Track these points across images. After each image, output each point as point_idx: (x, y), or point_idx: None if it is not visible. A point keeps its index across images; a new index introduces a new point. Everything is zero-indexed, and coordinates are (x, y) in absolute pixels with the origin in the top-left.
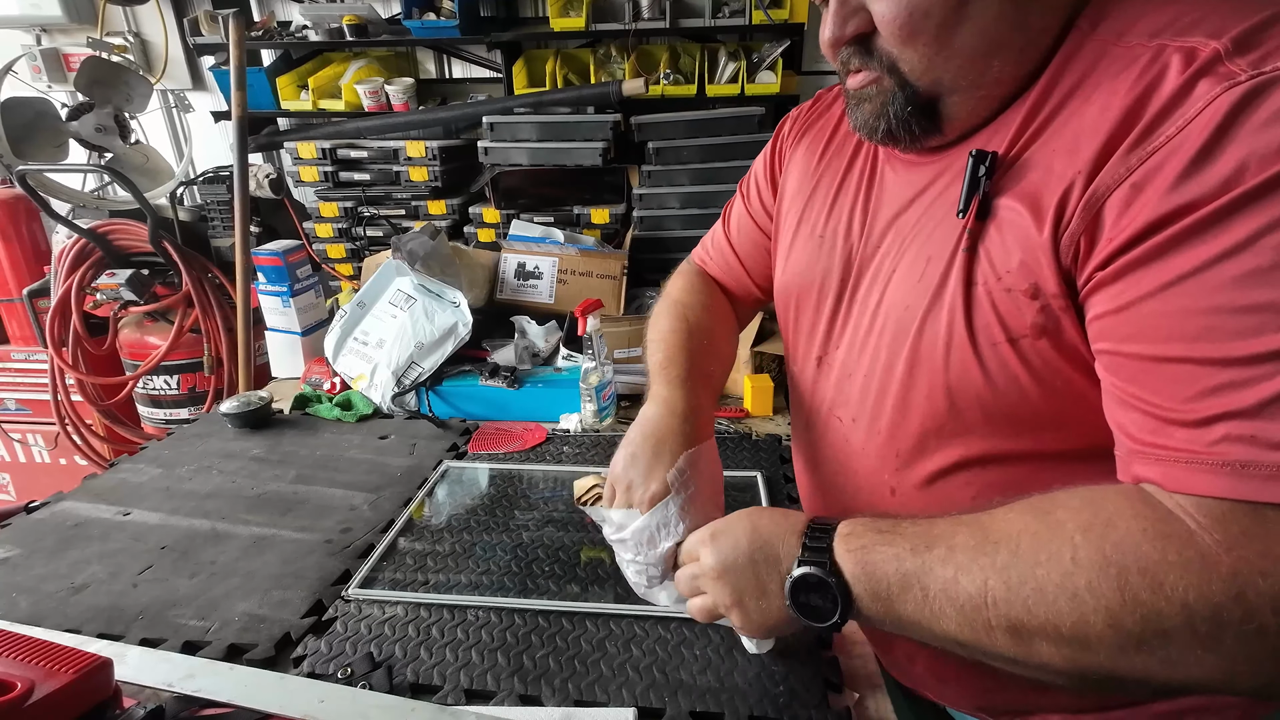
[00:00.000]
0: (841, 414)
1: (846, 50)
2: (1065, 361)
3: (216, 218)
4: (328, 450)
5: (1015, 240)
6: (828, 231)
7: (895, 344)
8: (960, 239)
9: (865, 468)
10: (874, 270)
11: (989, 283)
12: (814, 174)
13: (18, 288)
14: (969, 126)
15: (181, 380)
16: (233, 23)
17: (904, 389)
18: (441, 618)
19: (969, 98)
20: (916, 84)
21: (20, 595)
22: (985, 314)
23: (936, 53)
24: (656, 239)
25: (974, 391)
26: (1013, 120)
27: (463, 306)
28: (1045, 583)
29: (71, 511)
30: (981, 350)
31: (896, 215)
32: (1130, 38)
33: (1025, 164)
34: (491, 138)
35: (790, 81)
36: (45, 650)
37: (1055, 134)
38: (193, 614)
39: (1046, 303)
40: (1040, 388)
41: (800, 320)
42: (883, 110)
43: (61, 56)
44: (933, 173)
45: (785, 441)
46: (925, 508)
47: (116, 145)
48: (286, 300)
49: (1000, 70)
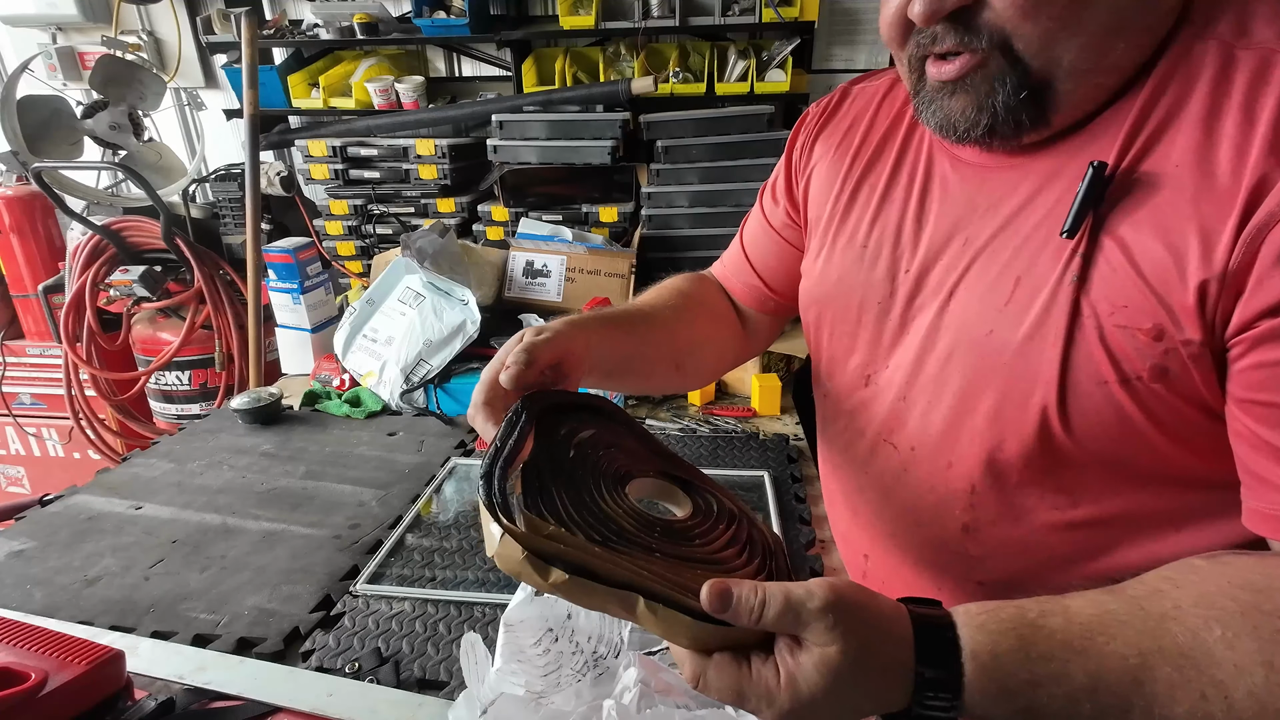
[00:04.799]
0: (896, 441)
1: (941, 27)
2: (1184, 403)
3: (228, 215)
4: (337, 446)
5: (1139, 273)
6: (871, 241)
7: (975, 374)
8: (1069, 264)
9: (930, 502)
10: (933, 284)
11: (1099, 316)
12: (850, 179)
13: (33, 284)
14: (1077, 118)
15: (193, 376)
16: (245, 21)
17: (991, 424)
18: (448, 613)
19: (1083, 85)
20: (1031, 63)
21: (35, 587)
22: (1093, 350)
23: (1062, 27)
24: (665, 237)
25: (1078, 434)
26: (1118, 124)
27: (471, 304)
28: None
29: (85, 505)
30: (1087, 390)
31: (962, 225)
32: (1256, 37)
33: (1149, 180)
34: (501, 136)
35: (800, 80)
36: (59, 642)
37: (1178, 145)
38: (203, 607)
39: (1174, 346)
40: (1158, 430)
41: (836, 333)
42: (987, 99)
43: (77, 55)
44: (1012, 178)
45: (793, 441)
46: (1005, 549)
47: (130, 143)
48: (297, 297)
49: (1123, 54)
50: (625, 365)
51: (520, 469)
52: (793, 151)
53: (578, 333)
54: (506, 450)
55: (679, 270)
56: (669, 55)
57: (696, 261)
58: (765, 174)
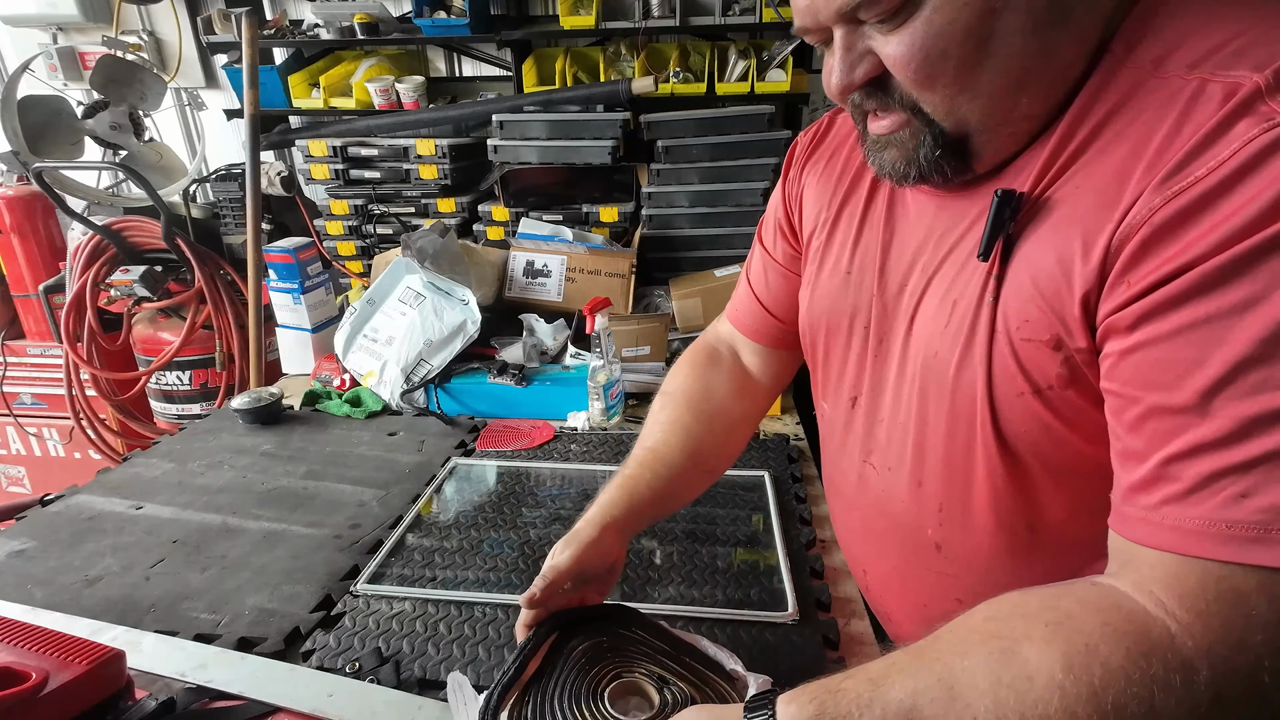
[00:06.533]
0: (876, 461)
1: (860, 94)
2: (1093, 408)
3: (229, 215)
4: (337, 446)
5: (1037, 288)
6: (854, 267)
7: (929, 395)
8: (985, 285)
9: (907, 521)
10: (901, 309)
11: (1009, 332)
12: (833, 206)
13: (34, 284)
14: (999, 160)
15: (194, 376)
16: (245, 21)
17: (946, 443)
18: (449, 614)
19: (998, 135)
20: (942, 124)
21: (35, 587)
22: (1008, 364)
23: (959, 93)
24: (665, 237)
25: (1014, 446)
26: (1039, 155)
27: (471, 304)
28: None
29: (85, 505)
30: (1011, 402)
31: (919, 252)
32: (1169, 67)
33: (1050, 204)
34: (501, 136)
35: (800, 80)
36: (60, 642)
37: (1083, 171)
38: (204, 607)
39: (1070, 355)
40: (1077, 434)
41: (830, 358)
42: (913, 154)
43: (77, 55)
44: (958, 209)
45: (793, 441)
46: (973, 568)
47: (131, 143)
48: (297, 297)
49: (1029, 106)
50: (661, 514)
51: (524, 686)
52: (785, 182)
53: (600, 538)
54: (505, 680)
55: (679, 270)
56: (669, 55)
57: (697, 261)
58: (765, 174)
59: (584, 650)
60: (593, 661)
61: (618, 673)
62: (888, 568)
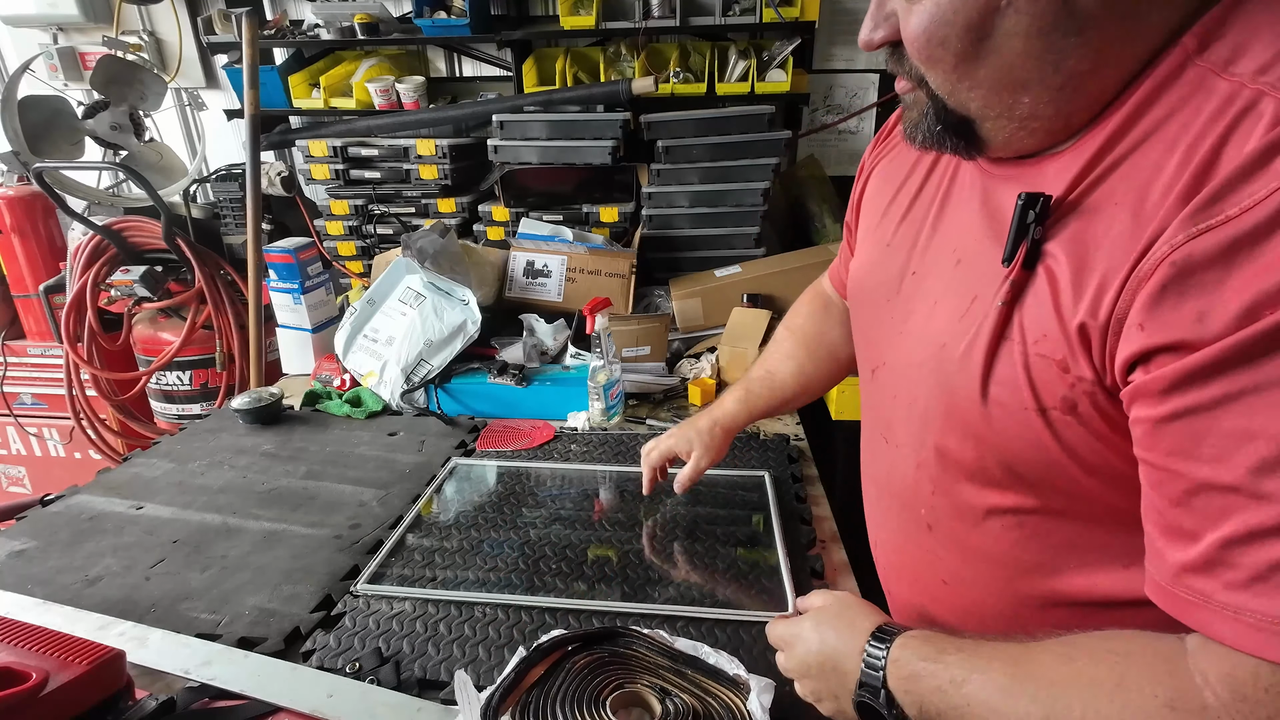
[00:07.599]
0: (886, 435)
1: (885, 52)
2: (1096, 440)
3: (229, 215)
4: (337, 446)
5: (1055, 303)
6: (895, 239)
7: (933, 383)
8: (1000, 288)
9: (906, 498)
10: (927, 290)
11: (1026, 344)
12: (890, 183)
13: (34, 284)
14: (1022, 151)
15: (194, 376)
16: (246, 21)
17: (942, 433)
18: (449, 614)
19: (1003, 127)
20: (946, 101)
21: (36, 587)
22: (1017, 375)
23: (958, 80)
24: (665, 237)
25: (1004, 454)
26: (1084, 152)
27: (472, 304)
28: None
29: (86, 505)
30: (1010, 411)
31: (962, 237)
32: (1238, 68)
33: (1083, 211)
34: (501, 136)
35: (801, 80)
36: (60, 642)
37: (1127, 179)
38: (204, 607)
39: (1076, 381)
40: (1074, 462)
41: (861, 327)
42: (920, 120)
43: (78, 55)
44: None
45: (793, 441)
46: (958, 552)
47: (131, 143)
48: (298, 297)
49: (1033, 107)
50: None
51: (525, 691)
52: (861, 172)
53: (722, 444)
54: (506, 683)
55: (679, 270)
56: (669, 55)
57: (697, 261)
58: (765, 174)
59: (586, 662)
60: (595, 672)
61: (619, 683)
62: (891, 543)
